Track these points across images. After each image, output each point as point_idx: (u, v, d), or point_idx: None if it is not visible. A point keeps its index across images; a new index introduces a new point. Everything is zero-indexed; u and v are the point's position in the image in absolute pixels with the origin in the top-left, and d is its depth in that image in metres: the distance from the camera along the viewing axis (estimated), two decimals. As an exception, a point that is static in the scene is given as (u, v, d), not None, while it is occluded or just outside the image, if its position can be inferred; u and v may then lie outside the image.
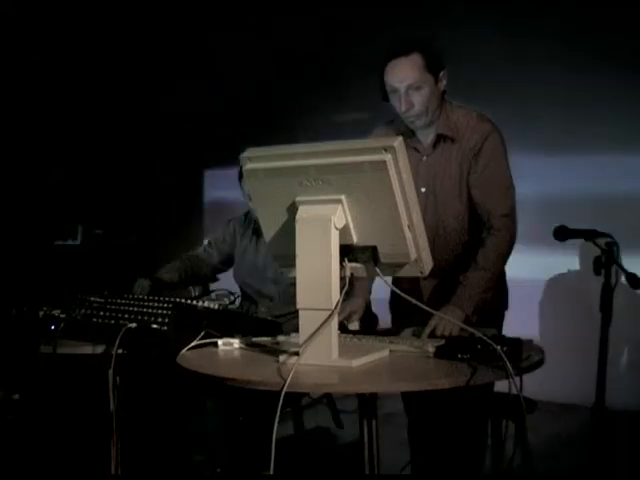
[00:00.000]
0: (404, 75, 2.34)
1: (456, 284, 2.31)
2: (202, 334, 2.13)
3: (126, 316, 2.35)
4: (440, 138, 2.46)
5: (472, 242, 2.43)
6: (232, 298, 2.53)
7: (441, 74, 2.40)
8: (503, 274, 2.55)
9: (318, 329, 1.78)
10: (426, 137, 2.48)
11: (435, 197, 2.47)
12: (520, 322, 2.64)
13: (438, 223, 2.45)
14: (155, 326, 2.25)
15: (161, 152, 6.02)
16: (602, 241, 2.08)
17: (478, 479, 2.58)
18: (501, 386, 1.76)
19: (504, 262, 2.44)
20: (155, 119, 5.93)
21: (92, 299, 2.55)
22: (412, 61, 2.34)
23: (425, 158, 2.48)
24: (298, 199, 1.84)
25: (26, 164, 5.12)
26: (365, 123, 2.73)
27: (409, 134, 2.45)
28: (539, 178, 4.60)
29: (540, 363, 1.89)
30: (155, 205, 5.94)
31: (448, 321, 2.11)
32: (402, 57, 2.35)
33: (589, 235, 2.13)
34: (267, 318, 2.45)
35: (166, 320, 2.24)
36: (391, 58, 2.36)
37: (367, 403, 1.95)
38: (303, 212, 1.82)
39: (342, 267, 1.83)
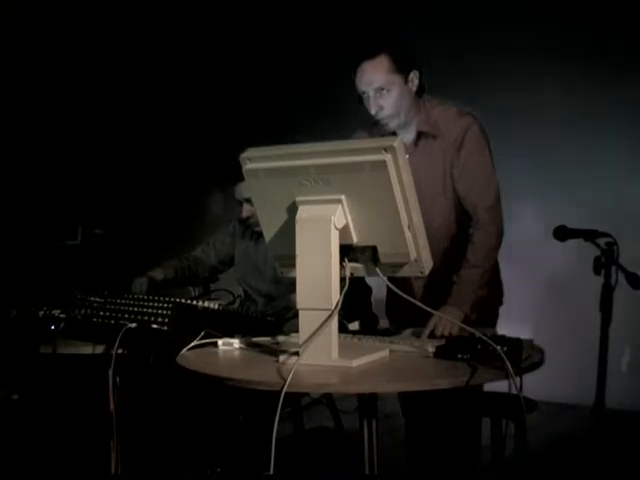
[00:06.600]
0: (370, 78, 2.35)
1: (448, 282, 2.30)
2: (202, 334, 2.13)
3: (126, 316, 2.35)
4: (421, 135, 2.46)
5: (460, 238, 2.42)
6: (232, 298, 2.53)
7: (411, 74, 2.40)
8: (497, 270, 2.54)
9: (318, 329, 1.78)
10: (407, 135, 2.46)
11: (420, 195, 2.45)
12: (519, 322, 2.64)
13: (425, 221, 2.44)
14: (155, 326, 2.25)
15: (161, 152, 6.01)
16: (602, 241, 2.07)
17: (477, 479, 2.58)
18: (501, 386, 1.76)
19: (495, 256, 2.43)
20: (155, 119, 5.93)
21: (92, 299, 2.55)
22: (378, 64, 2.35)
23: (407, 156, 2.46)
24: (298, 199, 1.84)
25: (26, 164, 5.12)
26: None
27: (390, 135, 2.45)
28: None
29: (540, 363, 1.88)
30: (155, 204, 5.94)
31: (447, 321, 2.11)
32: (369, 60, 2.36)
33: (589, 235, 2.12)
34: (267, 317, 2.46)
35: (166, 320, 2.24)
36: (359, 61, 2.38)
37: (367, 403, 1.94)
38: (303, 212, 1.82)
39: (342, 267, 1.83)
